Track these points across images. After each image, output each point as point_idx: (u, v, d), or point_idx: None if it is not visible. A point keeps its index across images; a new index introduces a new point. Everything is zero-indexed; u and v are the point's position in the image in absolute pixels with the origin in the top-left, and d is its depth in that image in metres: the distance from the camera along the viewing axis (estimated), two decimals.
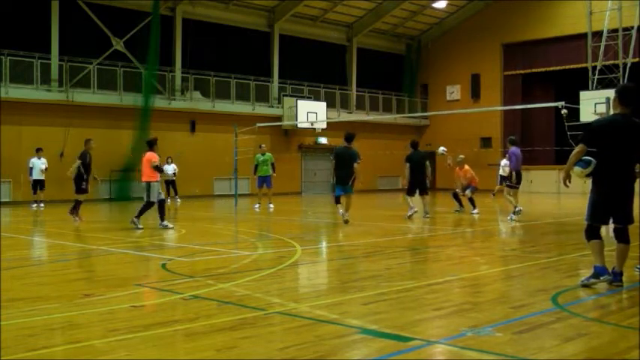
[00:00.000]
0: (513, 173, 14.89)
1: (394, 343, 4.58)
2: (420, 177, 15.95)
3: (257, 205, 19.43)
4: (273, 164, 19.73)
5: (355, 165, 13.75)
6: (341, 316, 5.44)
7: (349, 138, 14.14)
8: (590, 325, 5.07)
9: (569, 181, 6.49)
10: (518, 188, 15.15)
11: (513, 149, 14.81)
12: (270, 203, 19.54)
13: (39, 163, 20.81)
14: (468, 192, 17.23)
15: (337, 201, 14.23)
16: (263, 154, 19.74)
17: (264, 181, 19.55)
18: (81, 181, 14.94)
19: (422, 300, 6.11)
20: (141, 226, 12.94)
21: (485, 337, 4.67)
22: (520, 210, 14.99)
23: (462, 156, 17.95)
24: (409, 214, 15.37)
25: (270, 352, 4.44)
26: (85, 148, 15.07)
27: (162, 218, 13.18)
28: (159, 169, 13.42)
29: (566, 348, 4.42)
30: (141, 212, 13.16)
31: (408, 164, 15.95)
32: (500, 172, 23.07)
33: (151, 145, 13.69)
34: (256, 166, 19.78)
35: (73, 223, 14.51)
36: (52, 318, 5.42)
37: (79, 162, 14.85)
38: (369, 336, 4.75)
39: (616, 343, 4.66)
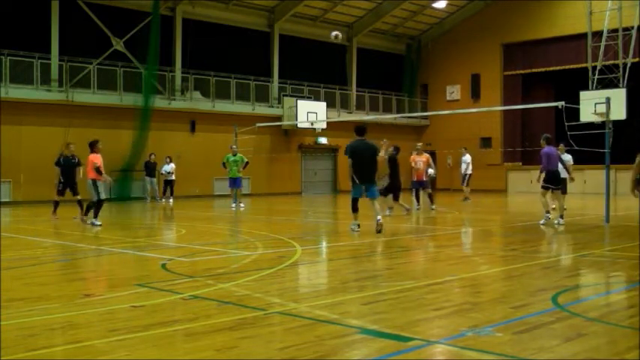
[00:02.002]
0: (542, 174, 14.26)
1: (394, 343, 4.58)
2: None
3: (233, 205, 19.81)
4: (247, 162, 20.28)
5: (378, 158, 12.39)
6: (341, 316, 5.44)
7: (362, 130, 12.54)
8: (590, 325, 5.07)
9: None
10: (550, 189, 14.36)
11: (547, 149, 13.80)
12: (241, 203, 20.02)
13: None
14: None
15: (355, 207, 12.31)
16: (234, 155, 20.05)
17: (235, 182, 20.10)
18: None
19: (422, 300, 6.11)
20: (98, 223, 13.63)
21: (485, 337, 4.67)
22: (549, 217, 13.69)
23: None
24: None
25: (270, 352, 4.44)
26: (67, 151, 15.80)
27: (95, 215, 13.77)
28: (99, 171, 13.96)
29: (566, 348, 4.42)
30: (95, 213, 13.81)
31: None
32: (463, 170, 23.03)
33: (92, 146, 14.19)
34: (224, 164, 20.22)
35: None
36: (52, 318, 5.42)
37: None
38: (369, 336, 4.75)
39: (616, 343, 4.67)
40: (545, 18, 31.82)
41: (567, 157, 17.73)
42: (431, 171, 18.67)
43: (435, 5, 33.34)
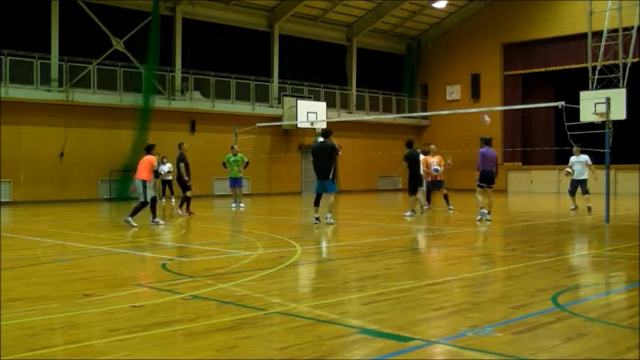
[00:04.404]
0: (477, 173, 14.81)
1: (394, 343, 4.58)
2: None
3: (233, 205, 19.84)
4: (248, 162, 20.31)
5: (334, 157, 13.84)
6: (341, 316, 5.44)
7: (326, 134, 14.30)
8: (590, 325, 5.07)
9: None
10: (484, 188, 14.94)
11: (484, 149, 14.81)
12: (241, 203, 20.00)
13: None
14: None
15: (317, 202, 14.04)
16: (235, 155, 20.05)
17: (235, 182, 20.11)
18: (184, 180, 16.74)
19: (422, 300, 6.11)
20: (135, 224, 13.40)
21: (485, 337, 4.67)
22: (484, 212, 14.64)
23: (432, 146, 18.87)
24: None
25: (270, 352, 4.44)
26: (180, 150, 17.08)
27: (154, 215, 13.98)
28: (156, 174, 14.39)
29: (566, 348, 4.42)
30: (135, 211, 13.71)
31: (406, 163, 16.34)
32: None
33: (149, 150, 14.49)
34: (224, 164, 20.23)
35: (180, 216, 16.40)
36: (52, 318, 5.43)
37: (182, 164, 16.68)
38: (369, 336, 4.75)
39: (616, 343, 4.67)
40: (545, 18, 31.81)
41: (584, 158, 17.56)
42: (437, 167, 18.76)
43: (435, 5, 33.32)
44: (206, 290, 6.55)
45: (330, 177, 13.77)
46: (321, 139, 14.33)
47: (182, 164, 16.80)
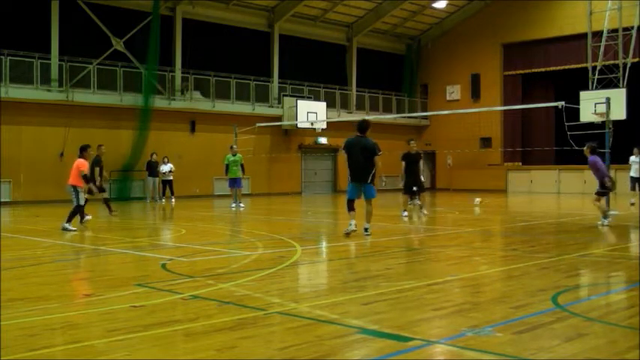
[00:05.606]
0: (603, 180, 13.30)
1: (394, 343, 4.58)
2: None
3: (233, 205, 19.87)
4: (242, 165, 20.29)
5: (375, 158, 11.42)
6: (341, 316, 5.44)
7: (362, 127, 11.74)
8: (590, 325, 5.07)
9: None
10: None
11: (594, 157, 13.15)
12: (241, 203, 20.00)
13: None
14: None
15: (350, 207, 11.53)
16: (234, 155, 20.12)
17: (235, 182, 20.15)
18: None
19: (422, 300, 6.11)
20: (73, 229, 12.78)
21: (485, 337, 4.67)
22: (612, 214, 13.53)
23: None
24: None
25: (270, 352, 4.44)
26: (97, 152, 15.97)
27: (69, 220, 12.89)
28: (86, 178, 13.28)
29: (566, 348, 4.42)
30: (71, 216, 12.97)
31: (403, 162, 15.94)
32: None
33: (82, 151, 13.53)
34: (227, 166, 20.23)
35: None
36: (52, 318, 5.42)
37: (97, 168, 15.69)
38: (369, 336, 4.75)
39: (616, 343, 4.66)
40: (545, 18, 31.82)
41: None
42: None
43: (435, 5, 33.34)
44: (206, 290, 6.54)
45: (370, 179, 11.43)
46: (357, 133, 11.72)
47: (97, 167, 15.72)
